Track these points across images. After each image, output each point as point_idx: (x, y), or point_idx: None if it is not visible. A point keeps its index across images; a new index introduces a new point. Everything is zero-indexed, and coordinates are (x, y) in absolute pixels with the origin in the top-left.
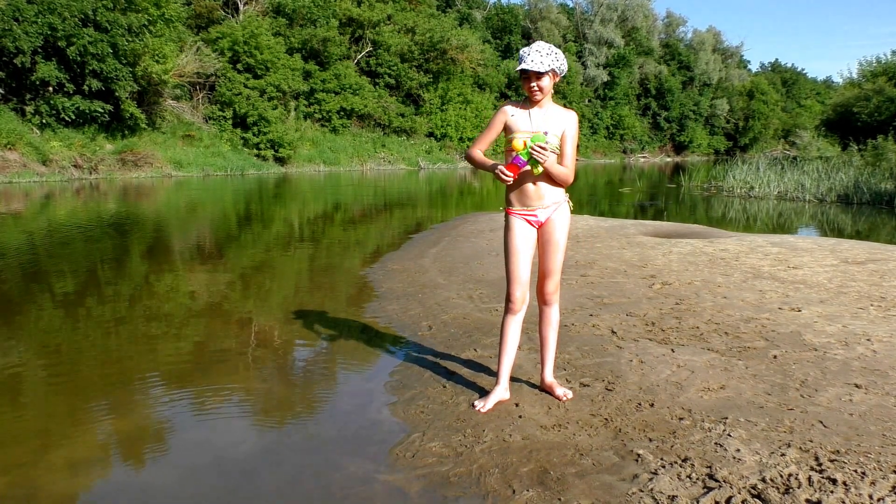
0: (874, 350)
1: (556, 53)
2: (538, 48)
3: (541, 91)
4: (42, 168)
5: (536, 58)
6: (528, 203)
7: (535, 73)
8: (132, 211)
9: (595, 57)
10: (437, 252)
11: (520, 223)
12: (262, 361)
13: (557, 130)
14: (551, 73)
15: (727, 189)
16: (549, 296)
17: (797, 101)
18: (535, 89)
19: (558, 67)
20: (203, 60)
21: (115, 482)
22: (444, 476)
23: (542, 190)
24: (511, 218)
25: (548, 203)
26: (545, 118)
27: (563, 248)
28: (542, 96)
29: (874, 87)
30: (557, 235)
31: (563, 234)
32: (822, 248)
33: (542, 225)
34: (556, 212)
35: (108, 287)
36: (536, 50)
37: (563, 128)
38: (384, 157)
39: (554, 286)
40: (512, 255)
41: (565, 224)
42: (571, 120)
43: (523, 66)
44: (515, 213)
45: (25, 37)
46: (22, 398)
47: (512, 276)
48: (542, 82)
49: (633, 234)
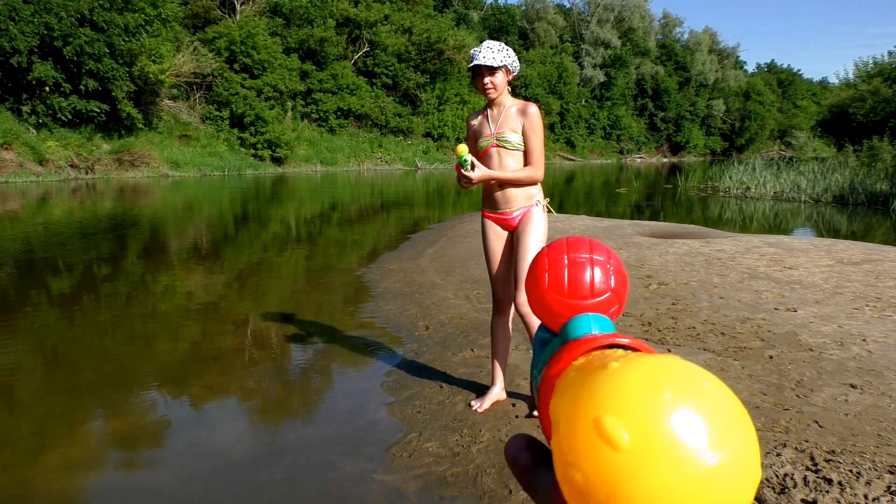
0: (869, 350)
1: (507, 50)
2: (489, 45)
3: (495, 88)
4: (38, 168)
5: (488, 54)
6: (496, 206)
7: (487, 69)
8: (129, 211)
9: (592, 57)
10: (434, 252)
11: (490, 225)
12: (259, 361)
13: (517, 126)
14: (504, 69)
15: (723, 189)
16: (520, 307)
17: (793, 101)
18: (488, 86)
19: (511, 64)
20: (200, 60)
21: (111, 482)
22: (441, 476)
23: (508, 193)
24: (484, 220)
25: (515, 206)
26: (504, 117)
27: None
28: (497, 93)
29: (870, 88)
30: (526, 239)
31: (534, 237)
32: (817, 249)
33: (513, 228)
34: (526, 215)
35: (105, 287)
36: (488, 47)
37: (522, 123)
38: (381, 157)
39: (524, 297)
40: (486, 258)
41: (537, 227)
42: (530, 114)
43: (475, 62)
44: (487, 215)
45: (22, 36)
46: (18, 398)
47: (490, 279)
48: (495, 79)
49: (629, 234)
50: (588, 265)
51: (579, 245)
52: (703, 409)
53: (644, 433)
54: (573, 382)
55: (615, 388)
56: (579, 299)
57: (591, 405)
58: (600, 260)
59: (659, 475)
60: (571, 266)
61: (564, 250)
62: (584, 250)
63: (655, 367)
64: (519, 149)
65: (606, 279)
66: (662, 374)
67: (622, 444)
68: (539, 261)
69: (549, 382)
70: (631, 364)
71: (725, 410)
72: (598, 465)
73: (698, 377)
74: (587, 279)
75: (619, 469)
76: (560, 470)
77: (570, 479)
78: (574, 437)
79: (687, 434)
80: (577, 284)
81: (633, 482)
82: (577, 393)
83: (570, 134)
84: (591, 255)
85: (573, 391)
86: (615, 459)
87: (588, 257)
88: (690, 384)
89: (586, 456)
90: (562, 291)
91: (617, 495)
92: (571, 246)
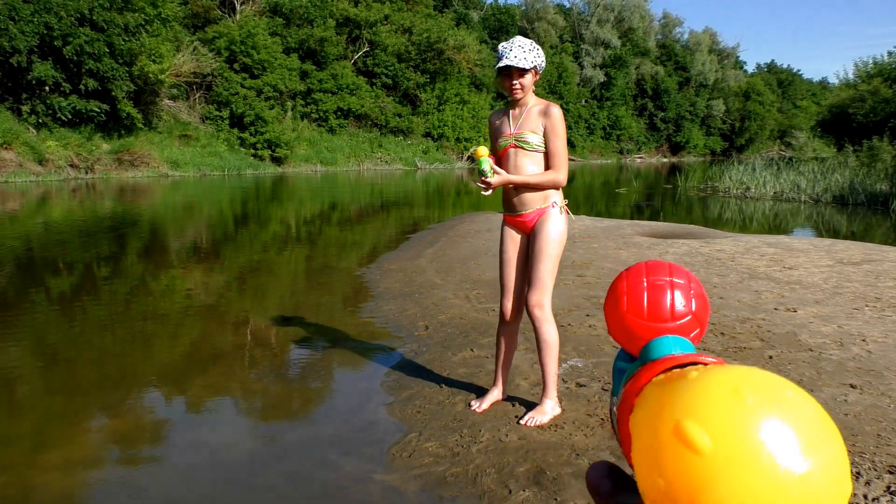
0: (869, 350)
1: (538, 50)
2: (520, 44)
3: (522, 89)
4: (38, 168)
5: (520, 54)
6: (512, 208)
7: (517, 70)
8: (129, 211)
9: (592, 57)
10: (433, 252)
11: (508, 230)
12: (259, 361)
13: (538, 128)
14: (533, 70)
15: (723, 190)
16: (531, 308)
17: (793, 101)
18: (516, 87)
19: (540, 65)
20: (200, 60)
21: (111, 482)
22: (441, 476)
23: (523, 195)
24: (502, 224)
25: (530, 208)
26: (525, 118)
27: (550, 257)
28: (523, 95)
29: (869, 89)
30: (539, 242)
31: (549, 241)
32: (817, 249)
33: (529, 230)
34: (541, 217)
35: (104, 287)
36: (519, 46)
37: (543, 124)
38: (381, 157)
39: (536, 298)
40: (500, 263)
41: (552, 231)
42: (552, 115)
43: (506, 63)
44: (505, 218)
45: (21, 36)
46: (18, 398)
47: (501, 285)
48: (524, 80)
49: (629, 234)
50: (668, 288)
51: (658, 268)
52: (788, 417)
53: (727, 438)
54: (653, 394)
55: (695, 394)
56: (659, 322)
57: (672, 412)
58: (680, 283)
59: (743, 480)
60: (651, 289)
61: (643, 274)
62: (664, 273)
63: (736, 375)
64: (538, 150)
65: (687, 302)
66: (744, 381)
67: (704, 448)
68: (617, 284)
69: (629, 401)
70: (711, 372)
71: (812, 419)
72: (680, 470)
73: (781, 386)
74: (667, 302)
75: (702, 473)
76: (642, 479)
77: (652, 487)
78: (656, 443)
79: (773, 441)
80: (656, 307)
81: (716, 486)
82: (657, 402)
83: (570, 134)
84: (670, 278)
85: (653, 401)
86: (697, 464)
87: (668, 280)
88: (774, 392)
89: (668, 461)
90: (641, 314)
91: (699, 499)
92: (650, 269)
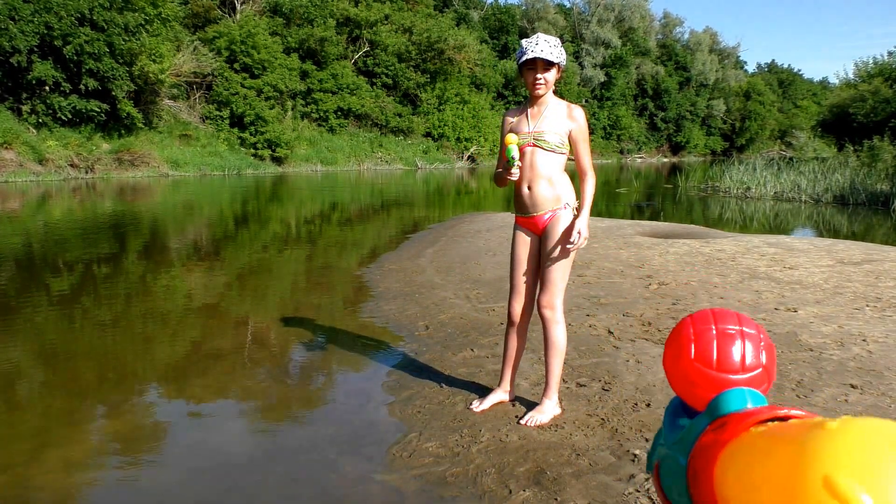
0: (870, 350)
1: (561, 47)
2: (546, 39)
3: (546, 84)
4: (38, 167)
5: (546, 47)
6: (524, 209)
7: (543, 63)
8: (129, 210)
9: (592, 57)
10: (434, 252)
11: (519, 231)
12: (259, 361)
13: (560, 129)
14: (558, 66)
15: (724, 189)
16: (542, 309)
17: (793, 101)
18: (540, 82)
19: (563, 62)
20: (200, 60)
21: (111, 482)
22: (441, 476)
23: (535, 196)
24: (514, 225)
25: (543, 210)
26: (545, 117)
27: (563, 260)
28: (546, 90)
29: (870, 88)
30: (552, 244)
31: (561, 243)
32: (818, 249)
33: (541, 232)
34: (553, 219)
35: (104, 287)
36: (545, 40)
37: (569, 128)
38: (381, 157)
39: (547, 299)
40: (511, 265)
41: (565, 233)
42: (579, 118)
43: (533, 55)
44: (516, 219)
45: (21, 36)
46: (18, 398)
47: (510, 287)
48: (548, 74)
49: (629, 234)
50: (739, 338)
51: (726, 317)
52: None
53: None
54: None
55: (846, 447)
56: (729, 373)
57: (817, 464)
58: (751, 333)
59: None
60: (721, 338)
61: (711, 321)
62: (733, 322)
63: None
64: (555, 150)
65: (758, 353)
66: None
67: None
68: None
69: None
70: (856, 424)
71: None
72: None
73: None
74: (738, 353)
75: None
76: None
77: None
78: (796, 496)
79: None
80: (726, 357)
81: None
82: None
83: None
84: (740, 327)
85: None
86: None
87: (738, 329)
88: None
89: None
90: (710, 364)
91: None
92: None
